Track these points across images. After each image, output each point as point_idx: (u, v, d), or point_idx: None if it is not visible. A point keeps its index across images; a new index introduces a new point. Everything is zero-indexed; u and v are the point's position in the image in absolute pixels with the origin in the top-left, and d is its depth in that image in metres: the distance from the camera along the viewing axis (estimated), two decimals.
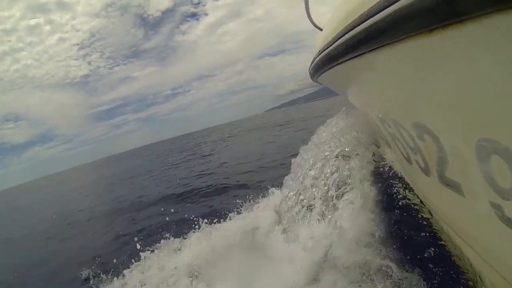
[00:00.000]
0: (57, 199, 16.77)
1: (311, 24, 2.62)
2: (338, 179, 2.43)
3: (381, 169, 2.58)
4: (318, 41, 1.89)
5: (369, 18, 0.90)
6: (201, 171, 9.44)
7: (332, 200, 2.36)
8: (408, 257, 1.78)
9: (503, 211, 0.81)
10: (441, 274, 1.60)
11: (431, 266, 1.66)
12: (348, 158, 2.60)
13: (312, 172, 2.76)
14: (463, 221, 1.24)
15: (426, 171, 1.29)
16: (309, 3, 2.58)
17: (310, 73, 2.54)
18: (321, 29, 2.29)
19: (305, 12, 2.61)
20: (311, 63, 2.19)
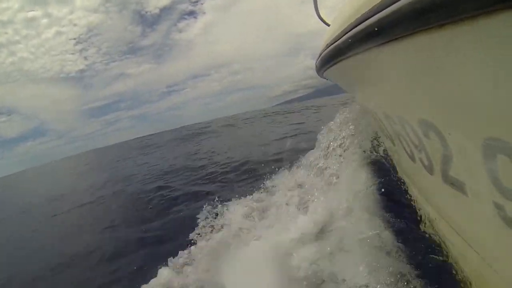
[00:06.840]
0: None
1: (319, 20, 2.58)
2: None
3: (382, 167, 2.57)
4: (326, 36, 1.87)
5: (379, 12, 0.88)
6: None
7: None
8: (406, 256, 1.78)
9: (506, 212, 0.81)
10: (439, 273, 1.60)
11: (429, 265, 1.66)
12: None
13: None
14: (465, 220, 1.24)
15: (429, 169, 1.28)
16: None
17: (316, 67, 2.52)
18: (328, 25, 2.26)
19: (313, 7, 2.57)
20: (318, 57, 2.16)
